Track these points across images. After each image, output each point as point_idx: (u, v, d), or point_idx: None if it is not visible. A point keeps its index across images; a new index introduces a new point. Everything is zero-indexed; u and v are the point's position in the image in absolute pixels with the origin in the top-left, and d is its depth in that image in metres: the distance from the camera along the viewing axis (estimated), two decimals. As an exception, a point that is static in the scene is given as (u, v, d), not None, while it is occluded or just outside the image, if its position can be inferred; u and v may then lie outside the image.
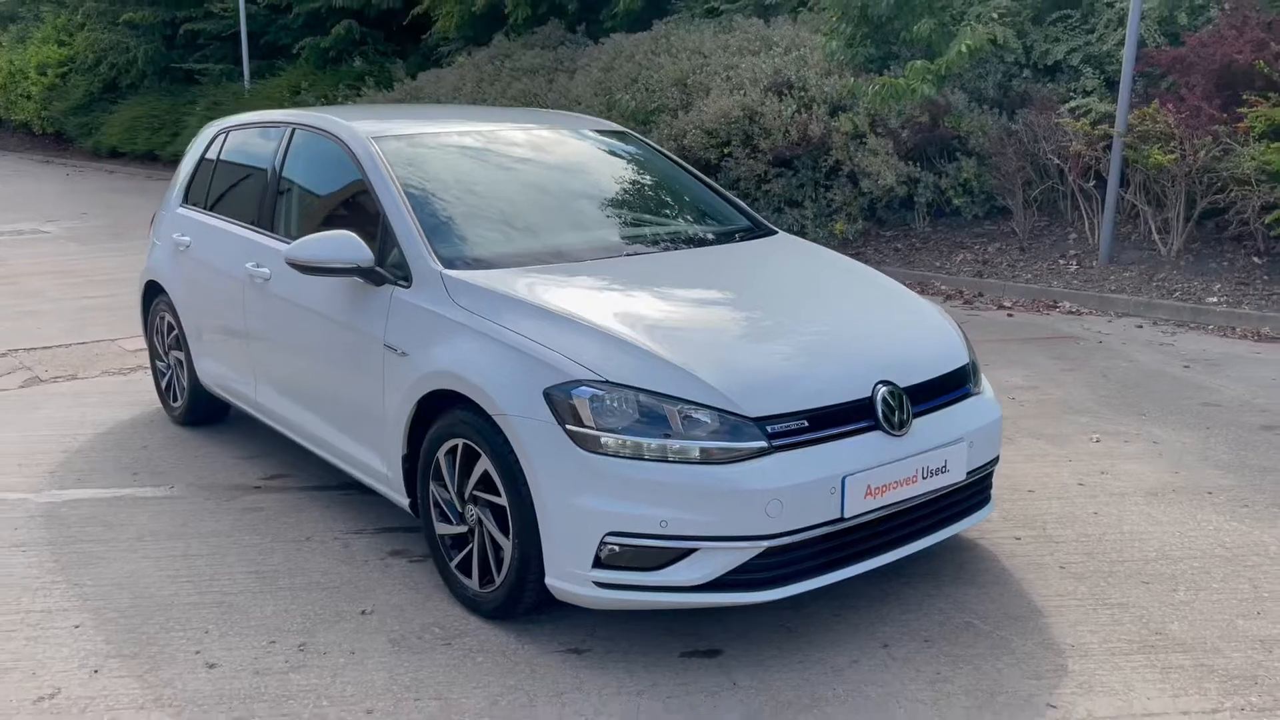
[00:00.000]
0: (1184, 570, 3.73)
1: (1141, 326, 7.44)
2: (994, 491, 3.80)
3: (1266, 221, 7.75)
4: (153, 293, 5.50)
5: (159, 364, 5.55)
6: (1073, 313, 7.92)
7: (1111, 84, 9.21)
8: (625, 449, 3.03)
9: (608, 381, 3.09)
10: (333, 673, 3.13)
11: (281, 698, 3.00)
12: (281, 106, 17.18)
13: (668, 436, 3.04)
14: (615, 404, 3.07)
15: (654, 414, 3.06)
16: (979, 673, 3.10)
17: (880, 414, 3.22)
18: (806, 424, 3.12)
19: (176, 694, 3.02)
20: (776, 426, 3.08)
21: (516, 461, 3.16)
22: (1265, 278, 7.89)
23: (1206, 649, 3.22)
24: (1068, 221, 9.53)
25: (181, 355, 5.26)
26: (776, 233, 4.53)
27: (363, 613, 3.48)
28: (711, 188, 4.80)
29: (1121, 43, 8.97)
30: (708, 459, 3.02)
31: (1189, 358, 6.58)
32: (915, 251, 9.70)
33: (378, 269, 3.75)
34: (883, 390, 3.26)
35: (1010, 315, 7.90)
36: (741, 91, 10.43)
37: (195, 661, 3.19)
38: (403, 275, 3.71)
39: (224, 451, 5.05)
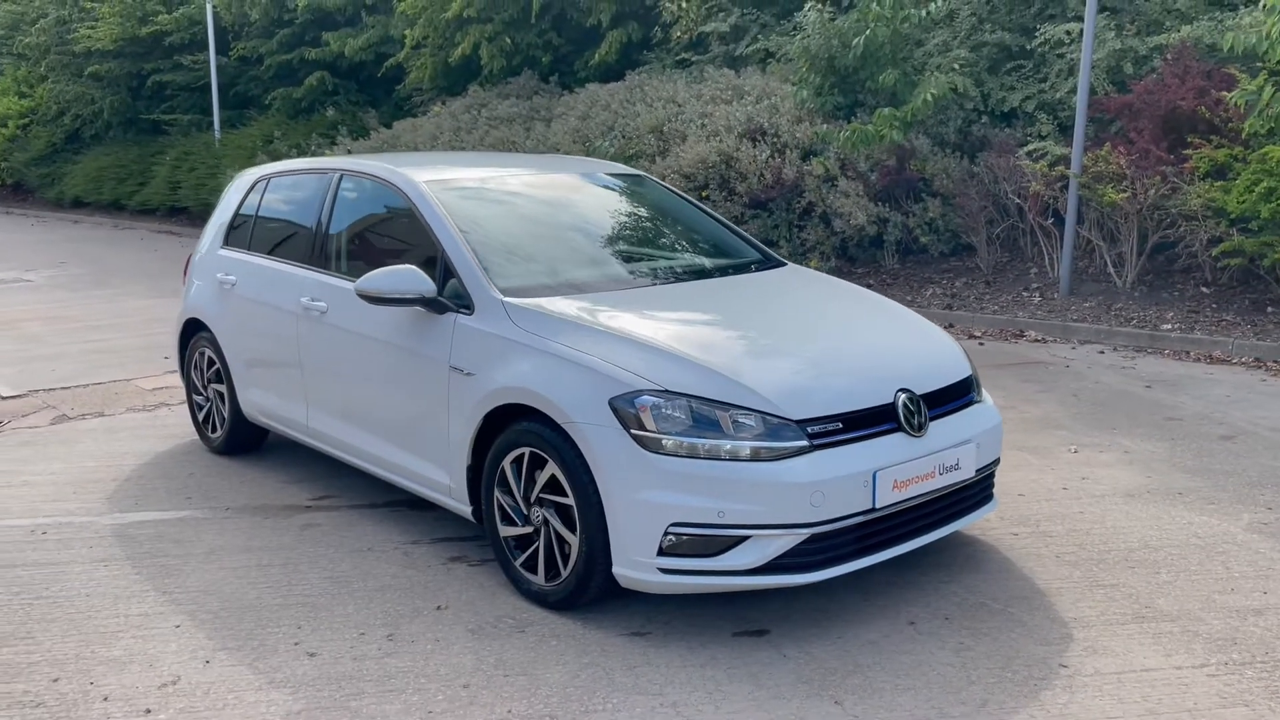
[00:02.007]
0: (1164, 557, 4.20)
1: (1103, 352, 8.01)
2: (993, 493, 4.25)
3: (1214, 254, 8.38)
4: (191, 330, 5.82)
5: (197, 398, 5.86)
6: (1039, 340, 8.48)
7: (1064, 128, 9.89)
8: (684, 449, 3.44)
9: (667, 391, 3.51)
10: (424, 657, 3.47)
11: (384, 678, 3.34)
12: (254, 156, 17.53)
13: (721, 437, 3.45)
14: (674, 410, 3.49)
15: (708, 418, 3.48)
16: (996, 642, 3.52)
17: (902, 417, 3.67)
18: (841, 425, 3.56)
19: (287, 678, 3.35)
20: (815, 428, 3.51)
21: (584, 465, 3.55)
22: (1214, 306, 8.52)
23: (1191, 618, 3.68)
24: (1028, 257, 10.15)
25: (222, 388, 5.58)
26: (786, 264, 5.00)
27: (438, 608, 3.83)
28: (723, 224, 5.26)
29: (1072, 91, 9.66)
30: (756, 456, 3.44)
31: (1149, 379, 7.14)
32: (886, 287, 10.24)
33: (440, 298, 4.14)
34: (903, 397, 3.71)
35: (981, 344, 8.43)
36: (717, 138, 10.97)
37: (296, 651, 3.52)
38: (463, 304, 4.10)
39: (268, 476, 5.36)
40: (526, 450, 3.77)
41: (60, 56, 23.87)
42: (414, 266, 4.17)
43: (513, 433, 3.82)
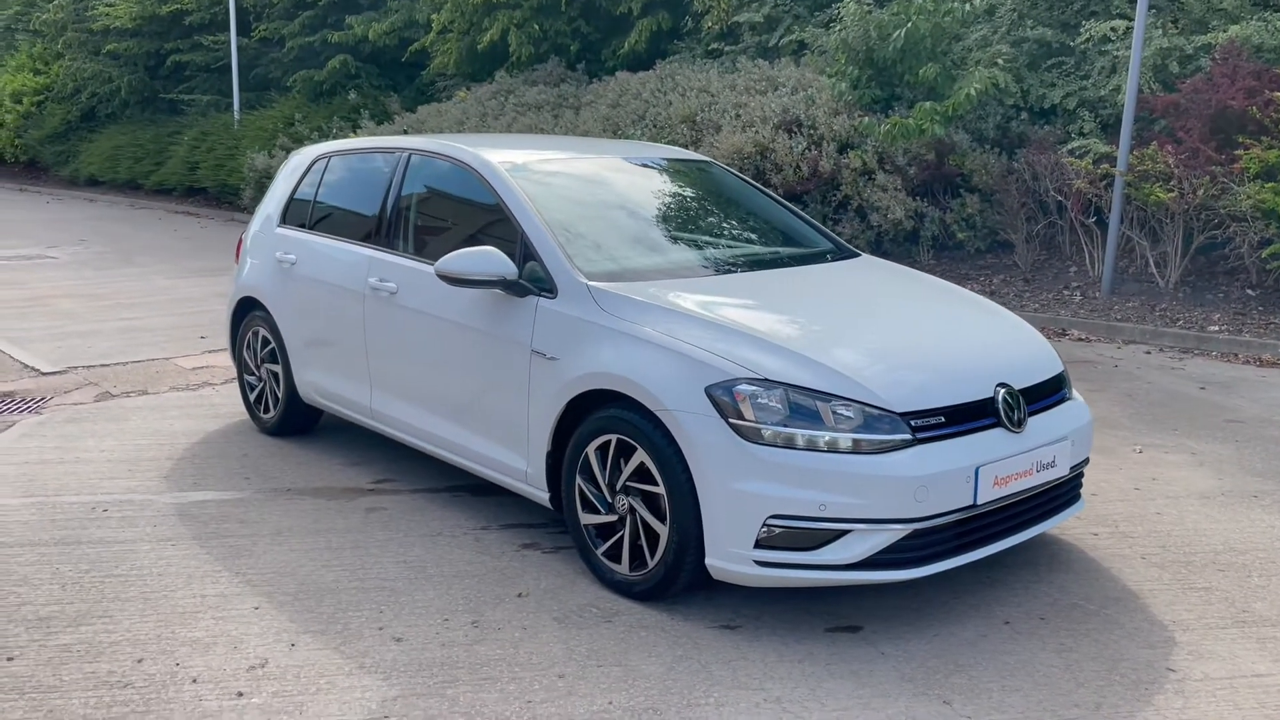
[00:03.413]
0: (1252, 560, 4.13)
1: (1150, 352, 7.92)
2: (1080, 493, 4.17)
3: (1263, 256, 8.30)
4: (244, 309, 5.73)
5: (249, 378, 5.77)
6: (1082, 340, 8.39)
7: (1106, 127, 9.80)
8: (783, 440, 3.36)
9: (766, 380, 3.43)
10: (513, 645, 3.40)
11: (476, 665, 3.27)
12: (275, 138, 17.41)
13: (821, 428, 3.37)
14: (772, 400, 3.40)
15: (807, 408, 3.40)
16: (1098, 644, 3.45)
17: (1001, 412, 3.59)
18: (943, 419, 3.47)
19: (377, 663, 3.28)
20: (919, 421, 3.43)
21: (678, 453, 3.47)
22: (1260, 308, 8.44)
23: (1292, 623, 3.61)
24: (1067, 255, 10.07)
25: (277, 368, 5.50)
26: (860, 254, 4.92)
27: (519, 595, 3.76)
28: (794, 211, 5.17)
29: (1116, 89, 9.57)
30: (857, 449, 3.36)
31: (1201, 380, 7.06)
32: (923, 283, 10.15)
33: (521, 281, 4.06)
34: (1002, 391, 3.63)
35: (1025, 342, 8.34)
36: (753, 129, 10.87)
37: (382, 636, 3.45)
38: (544, 287, 4.02)
39: (325, 458, 5.28)
40: (613, 437, 3.69)
41: (77, 34, 23.76)
42: (494, 248, 4.09)
43: (598, 419, 3.74)
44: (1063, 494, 3.92)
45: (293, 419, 5.55)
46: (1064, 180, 9.47)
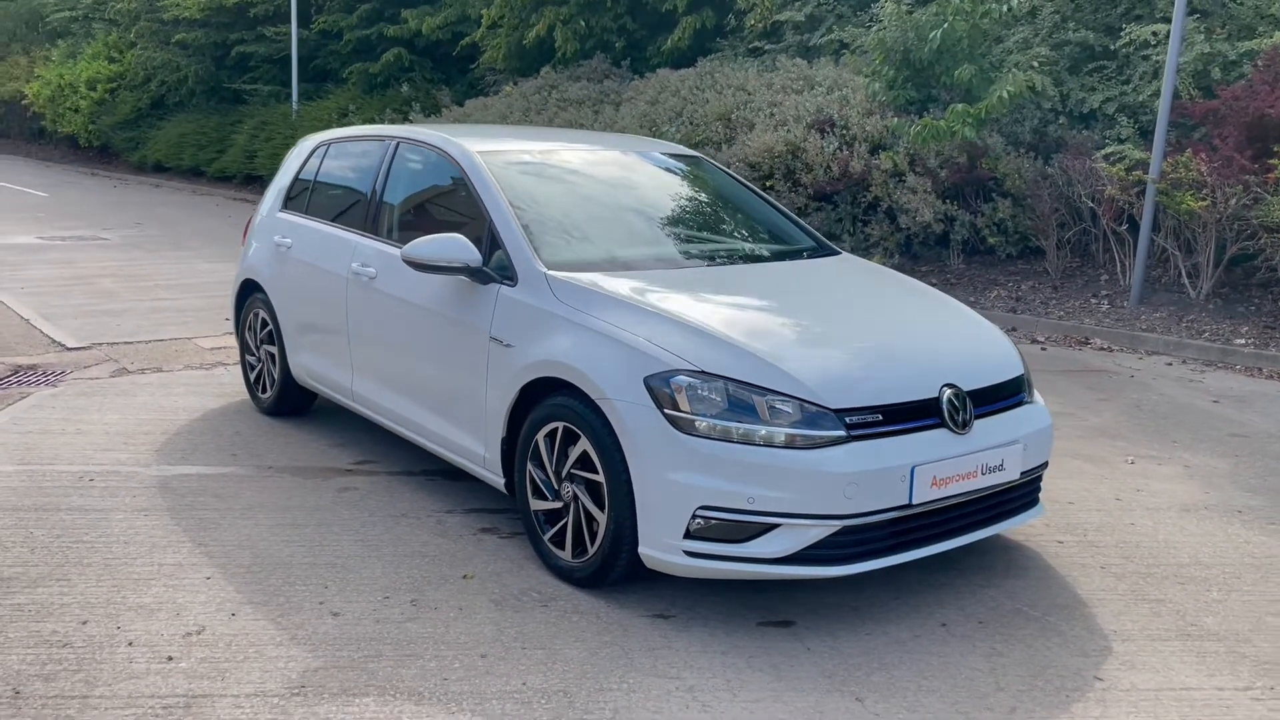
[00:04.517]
0: (1216, 575, 4.04)
1: (1171, 364, 7.75)
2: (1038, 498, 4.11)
3: (1294, 268, 8.08)
4: (247, 291, 5.89)
5: (249, 358, 5.93)
6: (1104, 349, 8.24)
7: (1145, 133, 9.58)
8: (718, 432, 3.38)
9: (703, 372, 3.45)
10: (445, 624, 3.47)
11: (403, 642, 3.34)
12: (329, 128, 17.73)
13: (756, 423, 3.38)
14: (709, 393, 3.42)
15: (744, 402, 3.41)
16: (1030, 650, 3.41)
17: (946, 413, 3.56)
18: (880, 418, 3.46)
19: (309, 635, 3.37)
20: (854, 418, 3.42)
21: (616, 442, 3.51)
22: (1291, 322, 8.21)
23: (1238, 639, 3.53)
24: (1099, 263, 9.88)
25: (274, 349, 5.64)
26: (840, 253, 4.90)
27: (464, 577, 3.83)
28: (778, 209, 5.17)
29: (1156, 94, 9.36)
30: (791, 444, 3.37)
31: (1217, 393, 6.89)
32: (950, 287, 10.04)
33: (484, 269, 4.12)
34: (948, 392, 3.60)
35: (1044, 349, 8.21)
36: (785, 128, 10.84)
37: (320, 610, 3.54)
38: (507, 275, 4.08)
39: (312, 439, 5.41)
40: (560, 425, 3.74)
41: (149, 23, 24.42)
42: (460, 236, 4.16)
43: (547, 406, 3.79)
44: (1015, 498, 3.87)
45: (288, 399, 5.68)
46: (1098, 186, 9.29)
